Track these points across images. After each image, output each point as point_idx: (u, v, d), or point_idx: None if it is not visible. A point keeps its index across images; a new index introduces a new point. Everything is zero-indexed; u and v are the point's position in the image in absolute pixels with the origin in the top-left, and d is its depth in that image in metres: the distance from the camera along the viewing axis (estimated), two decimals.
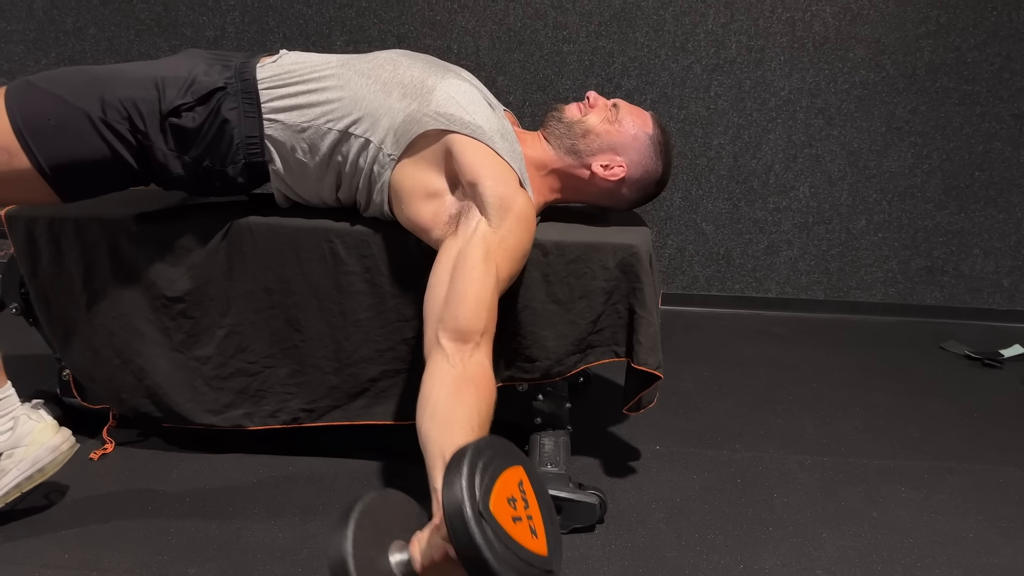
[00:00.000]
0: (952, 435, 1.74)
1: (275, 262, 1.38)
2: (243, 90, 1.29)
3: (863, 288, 2.54)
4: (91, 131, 1.22)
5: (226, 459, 1.50)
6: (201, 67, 1.31)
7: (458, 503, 0.77)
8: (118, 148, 1.25)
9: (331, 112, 1.30)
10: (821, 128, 2.40)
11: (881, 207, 2.46)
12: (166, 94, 1.25)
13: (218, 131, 1.28)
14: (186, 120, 1.26)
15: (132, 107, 1.24)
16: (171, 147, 1.27)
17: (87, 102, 1.22)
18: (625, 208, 1.51)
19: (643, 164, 1.42)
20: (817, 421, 1.78)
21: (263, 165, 1.33)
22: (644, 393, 1.40)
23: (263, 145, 1.31)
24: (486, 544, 0.76)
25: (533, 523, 0.84)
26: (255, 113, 1.29)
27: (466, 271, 1.14)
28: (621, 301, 1.38)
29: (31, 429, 1.28)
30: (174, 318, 1.40)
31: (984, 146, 2.38)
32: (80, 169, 1.24)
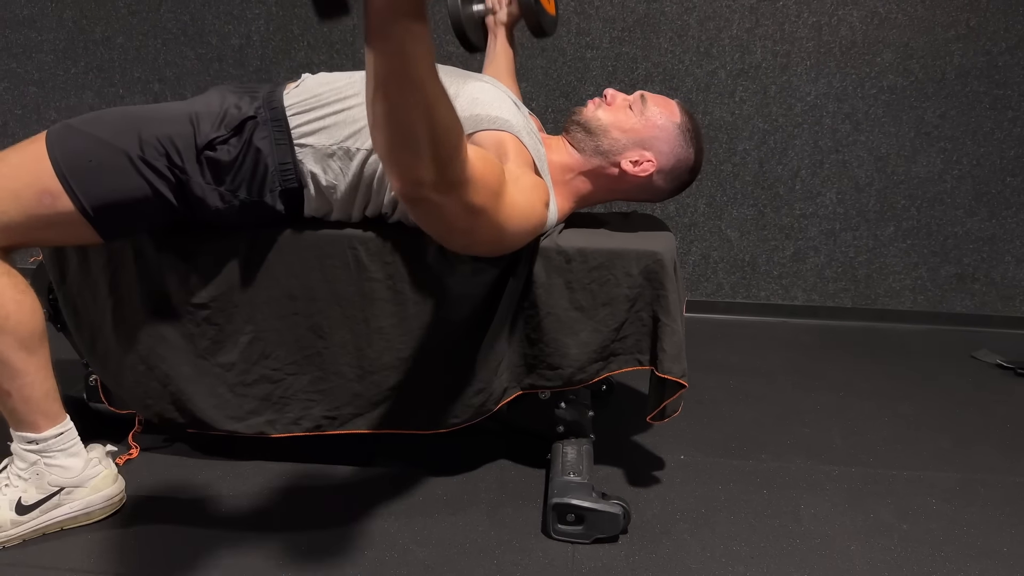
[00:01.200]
0: (984, 446, 1.70)
1: (299, 269, 1.39)
2: (272, 118, 1.30)
3: (891, 296, 2.50)
4: (131, 169, 1.23)
5: (249, 466, 1.51)
6: (231, 100, 1.32)
7: None
8: (157, 185, 1.26)
9: (358, 132, 1.31)
10: (848, 134, 2.37)
11: (910, 213, 2.42)
12: (200, 128, 1.27)
13: (253, 161, 1.29)
14: (221, 153, 1.27)
15: (169, 143, 1.25)
16: (208, 180, 1.28)
17: (125, 141, 1.23)
18: (662, 199, 1.50)
19: (675, 154, 1.41)
20: (845, 431, 1.75)
21: (299, 191, 1.34)
22: (668, 402, 1.38)
23: (297, 170, 1.32)
24: None
25: None
26: (286, 140, 1.30)
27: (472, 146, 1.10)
28: (645, 308, 1.37)
29: (96, 474, 1.33)
30: (199, 324, 1.41)
31: (1016, 151, 2.34)
32: (121, 208, 1.25)
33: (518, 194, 1.19)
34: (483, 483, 1.48)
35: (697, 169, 1.46)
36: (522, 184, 1.22)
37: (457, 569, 1.23)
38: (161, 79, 2.51)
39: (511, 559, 1.27)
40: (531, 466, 1.54)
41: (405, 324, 1.40)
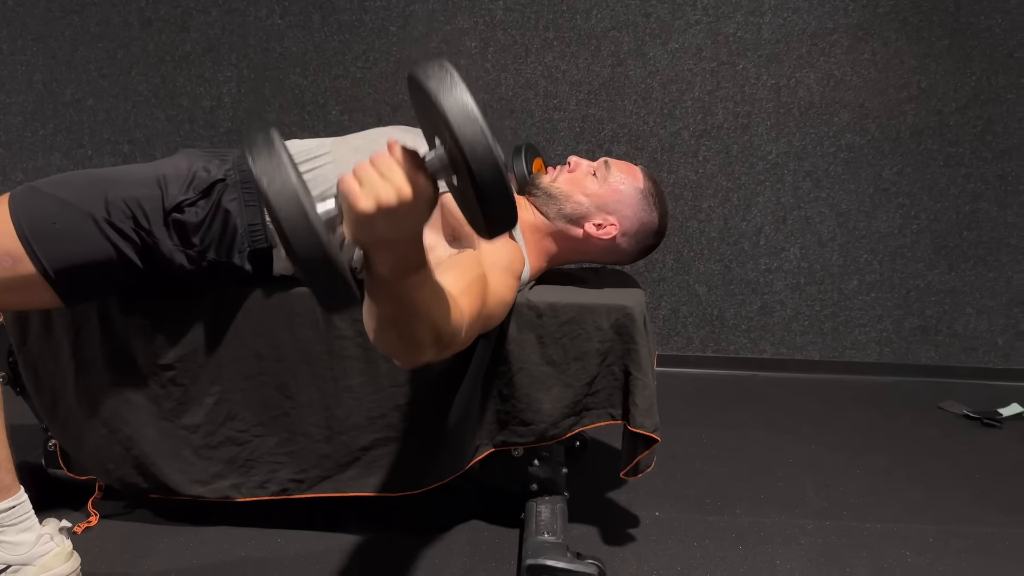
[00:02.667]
0: (955, 497, 1.71)
1: (267, 327, 1.37)
2: (242, 180, 1.30)
3: (858, 348, 2.53)
4: (95, 232, 1.22)
5: (213, 532, 1.46)
6: (200, 163, 1.33)
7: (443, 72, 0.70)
8: (123, 247, 1.24)
9: (327, 190, 1.31)
10: (809, 190, 2.44)
11: (872, 267, 2.48)
12: (168, 191, 1.27)
13: (221, 223, 1.29)
14: (189, 215, 1.27)
15: (136, 206, 1.24)
16: (176, 242, 1.27)
17: (92, 204, 1.22)
18: (629, 262, 1.52)
19: (638, 218, 1.44)
20: (818, 484, 1.75)
21: (268, 251, 1.34)
22: (641, 457, 1.37)
23: (266, 231, 1.32)
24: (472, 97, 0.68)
25: None
26: (255, 202, 1.31)
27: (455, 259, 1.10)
28: (616, 363, 1.37)
29: (47, 551, 1.26)
30: (164, 385, 1.38)
31: (971, 206, 2.42)
32: (84, 271, 1.23)
33: (499, 283, 1.19)
34: (455, 545, 1.45)
35: (662, 232, 1.49)
36: (500, 266, 1.22)
37: None
38: (131, 140, 2.52)
39: None
40: (504, 525, 1.51)
41: (375, 382, 1.38)
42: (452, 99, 0.70)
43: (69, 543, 1.30)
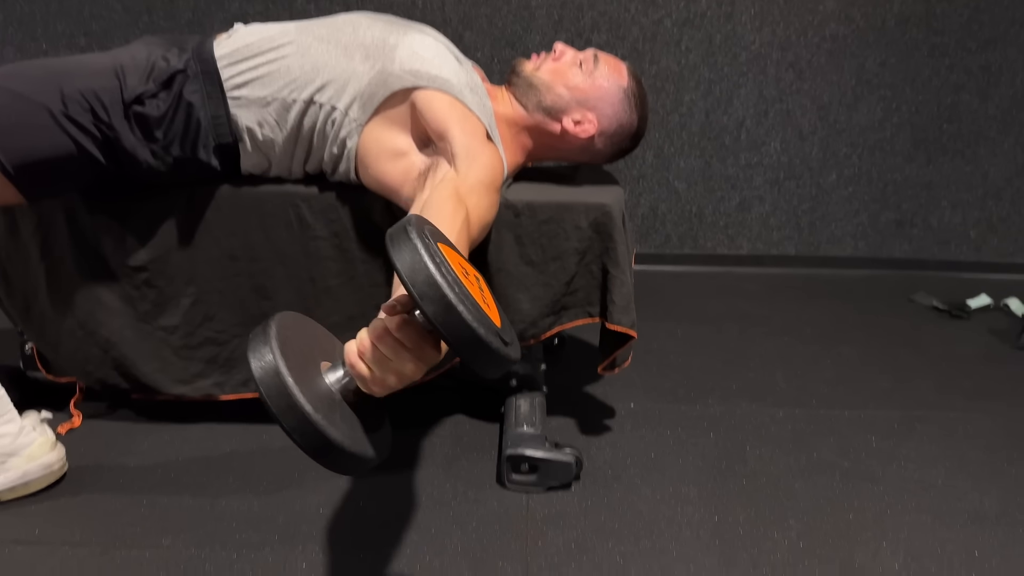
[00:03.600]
0: (921, 385, 1.77)
1: (239, 228, 1.35)
2: (203, 71, 1.25)
3: (833, 242, 2.56)
4: (53, 126, 1.17)
5: (198, 429, 1.48)
6: (158, 52, 1.26)
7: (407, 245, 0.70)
8: (83, 142, 1.20)
9: (293, 81, 1.26)
10: (791, 82, 2.39)
11: (851, 161, 2.47)
12: (127, 82, 1.21)
13: (184, 116, 1.24)
14: (150, 108, 1.22)
15: (94, 98, 1.19)
16: (138, 136, 1.23)
17: (47, 96, 1.17)
18: (602, 163, 1.49)
19: (617, 118, 1.40)
20: (789, 374, 1.80)
21: (234, 146, 1.30)
22: (618, 352, 1.39)
23: (231, 124, 1.27)
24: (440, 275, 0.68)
25: (485, 297, 0.79)
26: (218, 93, 1.26)
27: (434, 210, 1.08)
28: (594, 261, 1.37)
29: (31, 442, 1.27)
30: (138, 287, 1.37)
31: (952, 98, 2.39)
32: (44, 166, 1.19)
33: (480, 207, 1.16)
34: (438, 438, 1.49)
35: (639, 136, 1.45)
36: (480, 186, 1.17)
37: (414, 522, 1.24)
38: (87, 32, 2.39)
39: (467, 510, 1.28)
40: (485, 420, 1.55)
41: (353, 283, 1.38)
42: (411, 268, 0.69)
43: (51, 433, 1.32)
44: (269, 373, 0.71)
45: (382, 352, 0.76)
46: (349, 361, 0.78)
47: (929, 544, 1.23)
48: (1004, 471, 1.43)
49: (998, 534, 1.25)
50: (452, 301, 0.68)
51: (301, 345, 0.79)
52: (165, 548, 1.17)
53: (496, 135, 1.31)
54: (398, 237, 0.72)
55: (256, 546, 1.18)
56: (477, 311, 0.71)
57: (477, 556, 1.17)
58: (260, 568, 1.13)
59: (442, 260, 0.71)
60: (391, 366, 0.76)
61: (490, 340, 0.70)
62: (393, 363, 0.76)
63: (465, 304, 0.69)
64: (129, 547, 1.17)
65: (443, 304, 0.68)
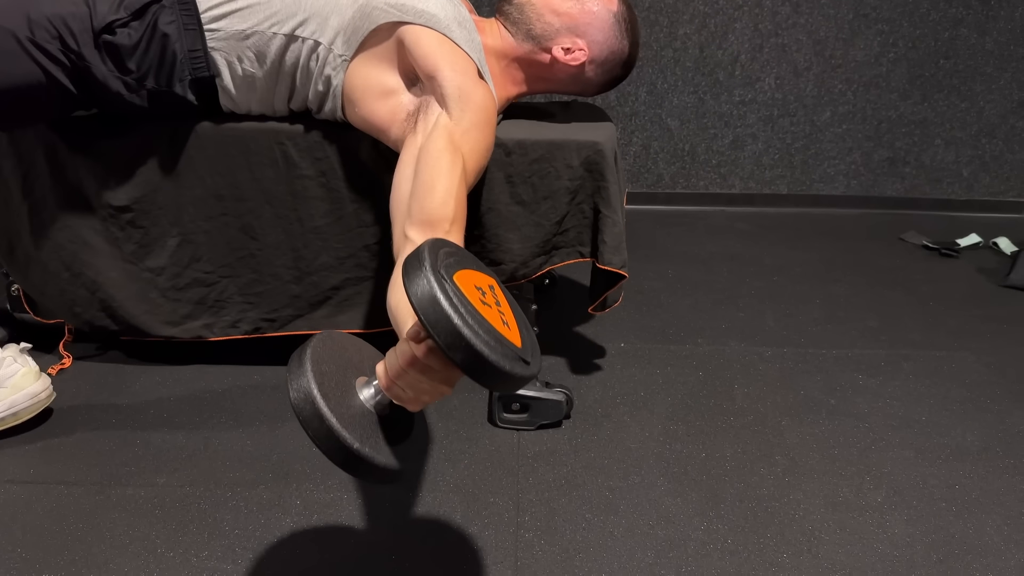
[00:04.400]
0: (908, 324, 1.78)
1: (224, 167, 1.33)
2: (179, 1, 1.20)
3: (826, 181, 2.54)
4: (20, 52, 1.14)
5: (189, 370, 1.49)
6: None
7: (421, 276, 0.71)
8: (51, 70, 1.16)
9: (274, 15, 1.22)
10: (788, 16, 2.33)
11: (846, 98, 2.43)
12: (97, 9, 1.17)
13: (159, 48, 1.20)
14: (122, 37, 1.18)
15: (61, 24, 1.15)
16: (110, 67, 1.19)
17: (12, 21, 1.13)
18: (593, 93, 1.45)
19: (607, 44, 1.36)
20: (778, 314, 1.81)
21: (211, 80, 1.26)
22: (609, 293, 1.39)
23: (208, 58, 1.23)
24: (452, 308, 0.69)
25: (505, 318, 0.79)
26: (195, 25, 1.21)
27: (431, 162, 1.08)
28: (586, 201, 1.36)
29: (14, 372, 1.27)
30: (123, 228, 1.35)
31: (950, 32, 2.35)
32: (12, 94, 1.16)
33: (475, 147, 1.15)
34: None
35: (631, 64, 1.41)
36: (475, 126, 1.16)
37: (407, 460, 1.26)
38: None
39: (459, 448, 1.30)
40: None
41: (342, 223, 1.36)
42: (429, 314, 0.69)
43: (34, 363, 1.31)
44: (305, 400, 0.73)
45: (411, 377, 0.79)
46: (382, 385, 0.81)
47: (911, 478, 1.25)
48: (987, 408, 1.45)
49: (979, 468, 1.28)
50: (467, 336, 0.69)
51: (338, 363, 0.82)
52: (160, 486, 1.18)
53: (486, 70, 1.28)
54: (412, 271, 0.72)
55: (250, 484, 1.20)
56: (494, 339, 0.72)
57: (469, 492, 1.19)
58: (255, 505, 1.15)
59: (455, 291, 0.72)
60: (423, 387, 0.79)
61: (507, 367, 0.71)
62: (423, 385, 0.79)
63: (480, 337, 0.70)
64: (124, 486, 1.18)
65: (457, 340, 0.69)
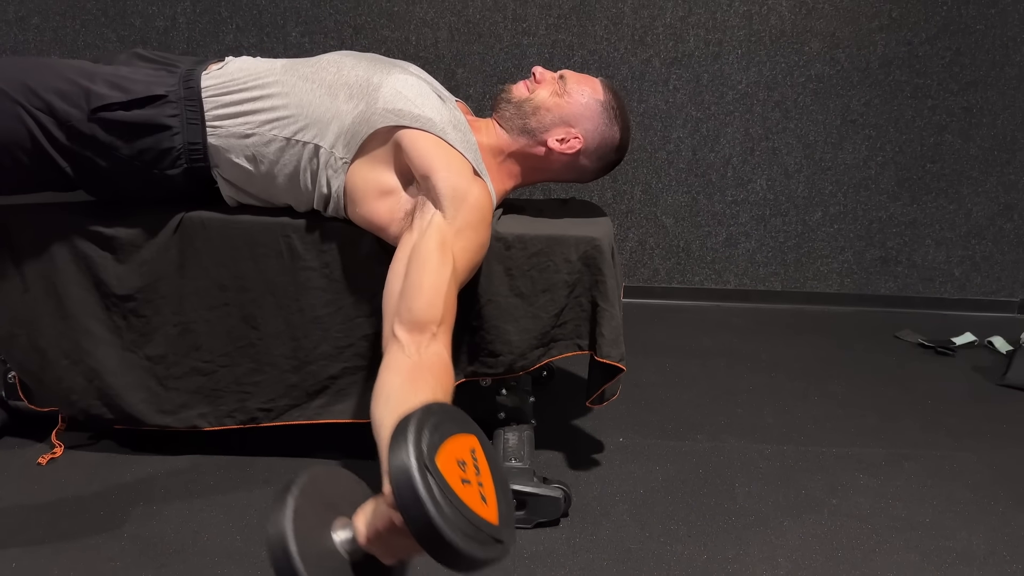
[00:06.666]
0: (907, 422, 1.77)
1: (229, 258, 1.35)
2: (187, 98, 1.26)
3: (819, 279, 2.58)
4: (11, 114, 1.20)
5: (181, 461, 1.46)
6: (143, 70, 1.28)
7: (402, 455, 0.73)
8: (39, 138, 1.21)
9: (276, 120, 1.28)
10: (778, 121, 2.43)
11: (836, 199, 2.50)
12: (96, 90, 1.22)
13: (156, 135, 1.25)
14: (117, 117, 1.23)
15: (56, 97, 1.21)
16: (100, 142, 1.24)
17: (13, 87, 1.19)
18: (591, 178, 1.49)
19: (599, 131, 1.41)
20: (777, 410, 1.80)
21: (206, 170, 1.30)
22: (607, 386, 1.39)
23: (206, 151, 1.28)
24: (429, 497, 0.71)
25: (484, 491, 0.81)
26: (198, 120, 1.27)
27: (421, 262, 1.12)
28: (584, 294, 1.38)
29: None
30: (125, 316, 1.36)
31: (935, 138, 2.44)
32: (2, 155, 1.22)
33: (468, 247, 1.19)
34: None
35: (624, 147, 1.46)
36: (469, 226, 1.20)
37: None
38: None
39: None
40: None
41: (342, 313, 1.38)
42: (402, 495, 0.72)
43: None
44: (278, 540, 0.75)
45: (388, 539, 0.80)
46: (360, 540, 0.82)
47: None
48: (991, 510, 1.43)
49: (986, 573, 1.25)
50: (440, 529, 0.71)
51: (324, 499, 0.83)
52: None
53: (482, 167, 1.32)
54: (395, 443, 0.75)
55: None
56: (464, 524, 0.73)
57: None
58: None
59: (436, 478, 0.73)
60: (398, 547, 0.81)
61: (479, 555, 0.73)
62: (399, 545, 0.80)
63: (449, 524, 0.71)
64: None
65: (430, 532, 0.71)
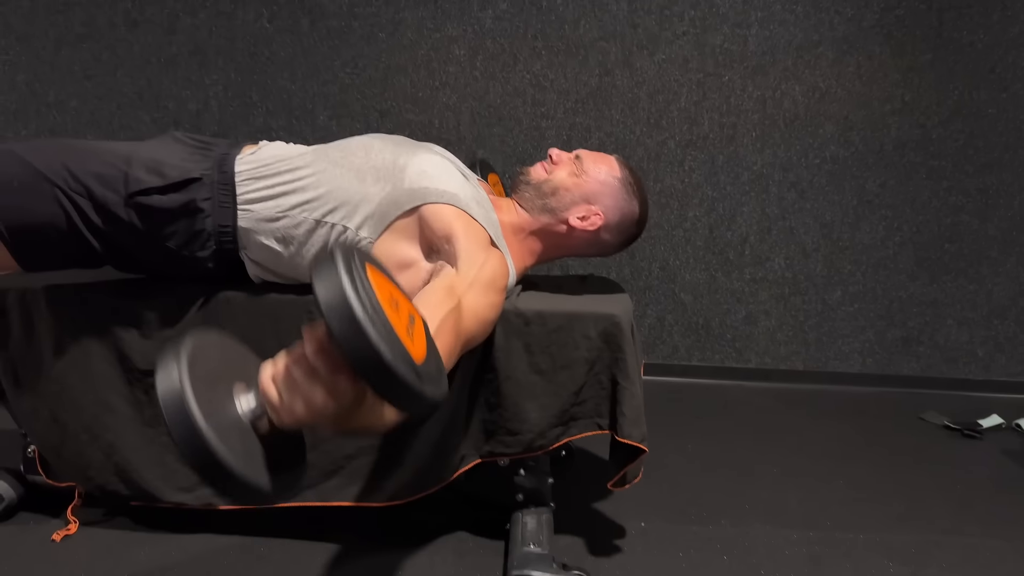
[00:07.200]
0: (936, 508, 1.72)
1: (252, 334, 1.36)
2: (220, 181, 1.30)
3: (841, 358, 2.55)
4: (50, 197, 1.23)
5: (195, 539, 1.44)
6: (179, 153, 1.32)
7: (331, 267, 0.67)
8: (75, 220, 1.24)
9: (306, 203, 1.31)
10: (794, 201, 2.45)
11: (856, 278, 2.50)
12: (133, 174, 1.26)
13: (190, 218, 1.28)
14: (155, 201, 1.26)
15: (95, 181, 1.24)
16: (135, 226, 1.27)
17: (52, 169, 1.23)
18: (611, 253, 1.52)
19: (619, 207, 1.44)
20: (802, 494, 1.76)
21: (234, 252, 1.33)
22: (629, 468, 1.37)
23: (236, 233, 1.31)
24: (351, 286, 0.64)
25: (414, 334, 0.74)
26: (230, 204, 1.30)
27: (424, 297, 1.09)
28: (604, 371, 1.37)
29: None
30: (147, 391, 1.37)
31: (952, 219, 2.45)
32: (35, 234, 1.24)
33: (477, 304, 1.17)
34: (440, 556, 1.44)
35: (643, 221, 1.49)
36: (479, 284, 1.20)
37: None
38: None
39: None
40: (490, 537, 1.50)
41: None
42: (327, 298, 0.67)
43: None
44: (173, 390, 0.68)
45: (294, 377, 0.74)
46: (262, 384, 0.75)
47: None
48: None
49: None
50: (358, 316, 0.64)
51: (219, 364, 0.76)
52: None
53: (503, 243, 1.35)
54: (321, 255, 0.71)
55: None
56: (388, 334, 0.67)
57: None
58: None
59: (364, 282, 0.68)
60: (301, 391, 0.74)
61: (395, 365, 0.66)
62: (303, 389, 0.74)
63: (374, 324, 0.65)
64: None
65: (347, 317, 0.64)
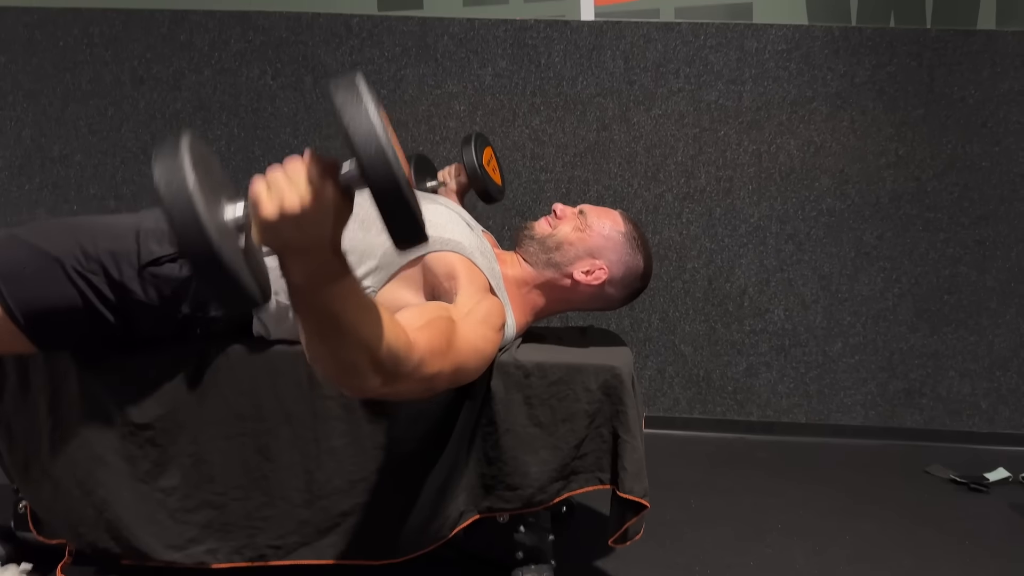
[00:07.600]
0: (946, 566, 1.68)
1: (249, 387, 1.35)
2: None
3: (843, 411, 2.53)
4: (63, 279, 1.23)
5: None
6: None
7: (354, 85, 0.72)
8: (90, 297, 1.24)
9: None
10: (792, 253, 2.46)
11: (856, 330, 2.49)
12: (146, 246, 1.27)
13: None
14: (167, 269, 1.27)
15: (109, 258, 1.25)
16: (149, 296, 1.27)
17: (63, 251, 1.23)
18: (616, 307, 1.52)
19: (624, 262, 1.45)
20: (808, 551, 1.72)
21: (248, 313, 1.33)
22: (631, 524, 1.34)
23: None
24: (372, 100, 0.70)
25: None
26: None
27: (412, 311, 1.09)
28: (605, 424, 1.35)
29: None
30: (141, 446, 1.35)
31: (950, 270, 2.45)
32: (52, 317, 1.23)
33: (471, 332, 1.16)
34: None
35: (648, 275, 1.50)
36: (474, 317, 1.20)
37: None
38: (117, 196, 2.51)
39: None
40: None
41: (357, 444, 1.36)
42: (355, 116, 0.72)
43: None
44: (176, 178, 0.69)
45: (286, 172, 0.76)
46: (252, 183, 0.76)
47: None
48: None
49: None
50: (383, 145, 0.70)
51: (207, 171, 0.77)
52: None
53: (503, 294, 1.35)
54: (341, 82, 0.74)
55: None
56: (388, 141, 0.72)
57: None
58: None
59: None
60: (287, 190, 0.75)
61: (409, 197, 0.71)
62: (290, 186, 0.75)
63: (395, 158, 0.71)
64: None
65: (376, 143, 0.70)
